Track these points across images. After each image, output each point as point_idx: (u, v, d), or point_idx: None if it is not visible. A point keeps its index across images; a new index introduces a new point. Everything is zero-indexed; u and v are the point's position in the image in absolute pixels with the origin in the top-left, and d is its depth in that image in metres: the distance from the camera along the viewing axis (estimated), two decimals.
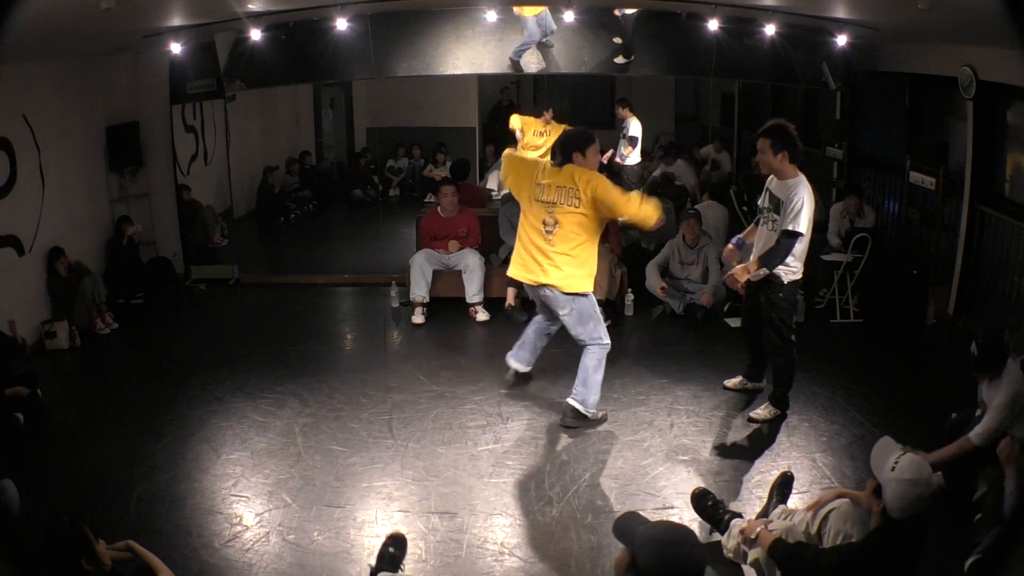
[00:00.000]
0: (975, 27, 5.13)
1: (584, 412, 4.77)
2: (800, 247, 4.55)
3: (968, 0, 4.36)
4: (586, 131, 4.73)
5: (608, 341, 4.80)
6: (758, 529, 3.24)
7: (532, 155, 8.40)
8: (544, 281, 4.62)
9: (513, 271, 4.83)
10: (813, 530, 3.13)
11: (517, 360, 5.22)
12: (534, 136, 8.64)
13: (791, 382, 4.85)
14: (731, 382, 5.35)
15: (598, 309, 4.81)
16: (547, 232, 4.57)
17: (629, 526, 2.27)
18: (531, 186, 4.66)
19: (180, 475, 4.36)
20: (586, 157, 4.59)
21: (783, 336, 4.71)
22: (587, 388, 4.75)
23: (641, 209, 4.56)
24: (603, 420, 4.87)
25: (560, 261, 4.57)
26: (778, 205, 4.56)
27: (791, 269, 4.60)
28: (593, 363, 4.75)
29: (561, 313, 4.71)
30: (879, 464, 2.74)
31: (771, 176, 4.70)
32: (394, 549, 3.47)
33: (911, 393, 5.35)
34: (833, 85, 7.81)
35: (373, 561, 3.46)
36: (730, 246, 4.97)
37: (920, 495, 2.64)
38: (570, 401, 4.79)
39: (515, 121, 8.76)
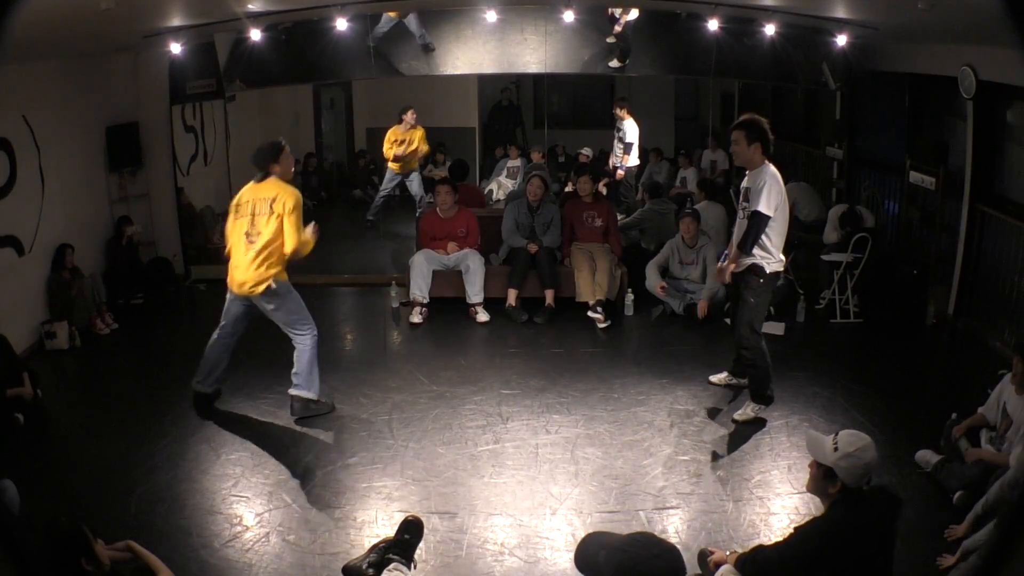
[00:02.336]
0: (975, 27, 5.13)
1: (309, 397, 4.95)
2: (776, 236, 4.60)
3: (968, 0, 4.36)
4: (274, 142, 4.90)
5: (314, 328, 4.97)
6: (726, 553, 3.19)
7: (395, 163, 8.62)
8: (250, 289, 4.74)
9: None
10: None
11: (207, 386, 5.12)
12: (394, 146, 8.66)
13: (767, 377, 4.83)
14: (716, 377, 5.37)
15: (297, 297, 4.90)
16: (250, 242, 4.72)
17: (589, 557, 2.24)
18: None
19: (180, 475, 4.36)
20: (280, 163, 4.81)
21: (752, 325, 4.72)
22: (309, 377, 4.94)
23: (300, 242, 4.73)
24: (330, 408, 5.06)
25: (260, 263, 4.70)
26: (747, 194, 4.66)
27: (771, 258, 4.63)
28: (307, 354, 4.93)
29: (268, 309, 4.85)
30: (819, 452, 2.81)
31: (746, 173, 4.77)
32: (409, 535, 3.43)
33: (911, 393, 5.35)
34: (833, 85, 7.81)
35: (384, 537, 3.41)
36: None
37: (870, 459, 2.74)
38: (294, 392, 4.97)
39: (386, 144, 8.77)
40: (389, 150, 8.67)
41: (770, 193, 4.52)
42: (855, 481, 2.74)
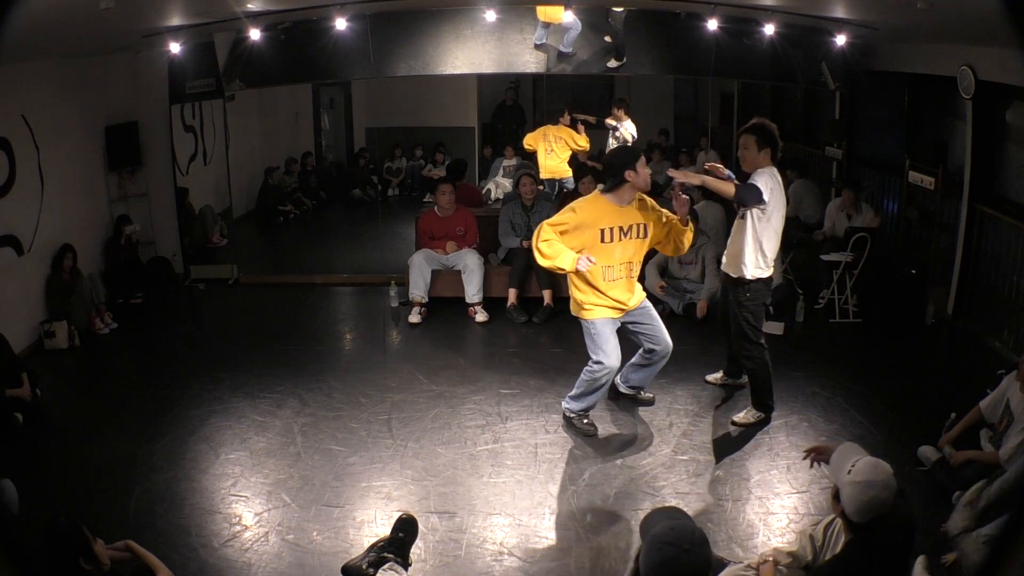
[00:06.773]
0: (975, 27, 5.13)
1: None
2: (768, 242, 4.53)
3: (968, 0, 4.36)
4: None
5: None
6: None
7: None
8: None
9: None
10: (819, 543, 3.06)
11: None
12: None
13: (767, 385, 4.80)
14: (712, 377, 5.37)
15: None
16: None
17: (649, 524, 2.23)
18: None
19: (179, 475, 4.36)
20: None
21: (749, 338, 4.68)
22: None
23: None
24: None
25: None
26: None
27: (762, 269, 4.57)
28: None
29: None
30: (838, 468, 2.65)
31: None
32: (403, 533, 3.44)
33: (910, 393, 5.34)
34: (832, 85, 7.81)
35: (382, 536, 3.43)
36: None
37: (874, 497, 2.53)
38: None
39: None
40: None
41: (766, 185, 4.42)
42: (855, 514, 2.56)
